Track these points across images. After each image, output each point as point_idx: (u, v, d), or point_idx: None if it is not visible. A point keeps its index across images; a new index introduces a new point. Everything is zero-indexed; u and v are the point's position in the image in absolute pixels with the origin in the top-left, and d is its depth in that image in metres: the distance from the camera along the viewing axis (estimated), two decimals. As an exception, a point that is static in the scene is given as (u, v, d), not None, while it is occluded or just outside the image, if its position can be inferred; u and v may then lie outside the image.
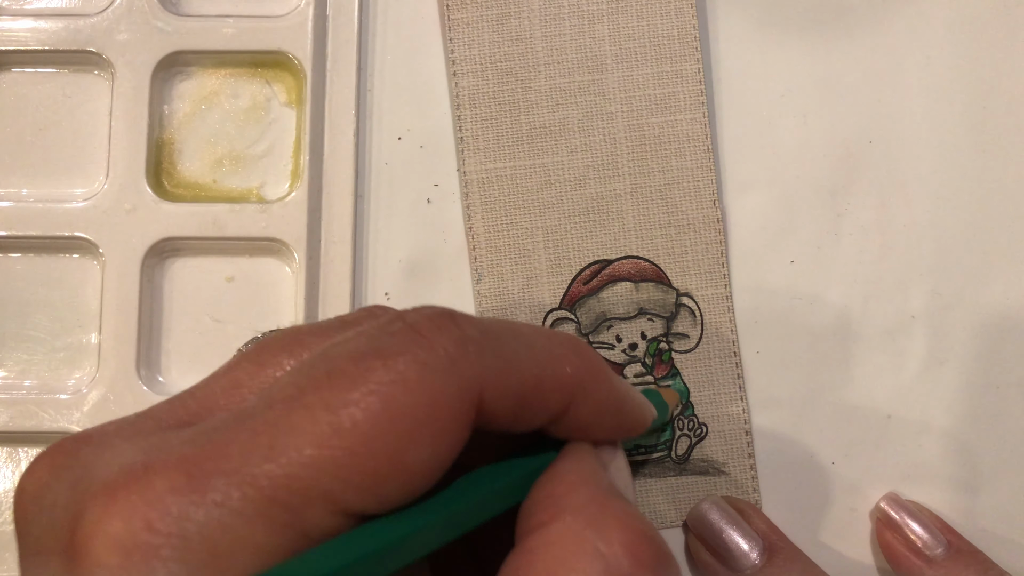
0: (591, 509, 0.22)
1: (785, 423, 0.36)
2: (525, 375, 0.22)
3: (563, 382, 0.23)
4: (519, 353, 0.22)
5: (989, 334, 0.37)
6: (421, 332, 0.21)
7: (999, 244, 0.37)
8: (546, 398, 0.23)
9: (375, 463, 0.19)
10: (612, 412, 0.25)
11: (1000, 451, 0.36)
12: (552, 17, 0.37)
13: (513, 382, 0.22)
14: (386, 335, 0.21)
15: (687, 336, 0.36)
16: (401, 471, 0.20)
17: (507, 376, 0.22)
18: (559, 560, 0.20)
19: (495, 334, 0.22)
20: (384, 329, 0.21)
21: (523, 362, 0.22)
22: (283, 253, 0.37)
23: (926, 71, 0.38)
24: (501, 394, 0.21)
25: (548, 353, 0.23)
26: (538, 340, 0.23)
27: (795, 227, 0.37)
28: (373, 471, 0.19)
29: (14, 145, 0.37)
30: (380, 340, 0.21)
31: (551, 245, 0.36)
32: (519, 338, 0.23)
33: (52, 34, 0.37)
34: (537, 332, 0.24)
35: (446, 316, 0.21)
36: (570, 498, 0.22)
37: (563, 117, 0.37)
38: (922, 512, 0.35)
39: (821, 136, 0.37)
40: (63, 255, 0.37)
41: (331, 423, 0.19)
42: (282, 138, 0.38)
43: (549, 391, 0.23)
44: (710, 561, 0.33)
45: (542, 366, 0.23)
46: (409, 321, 0.21)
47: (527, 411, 0.23)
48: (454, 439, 0.21)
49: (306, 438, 0.19)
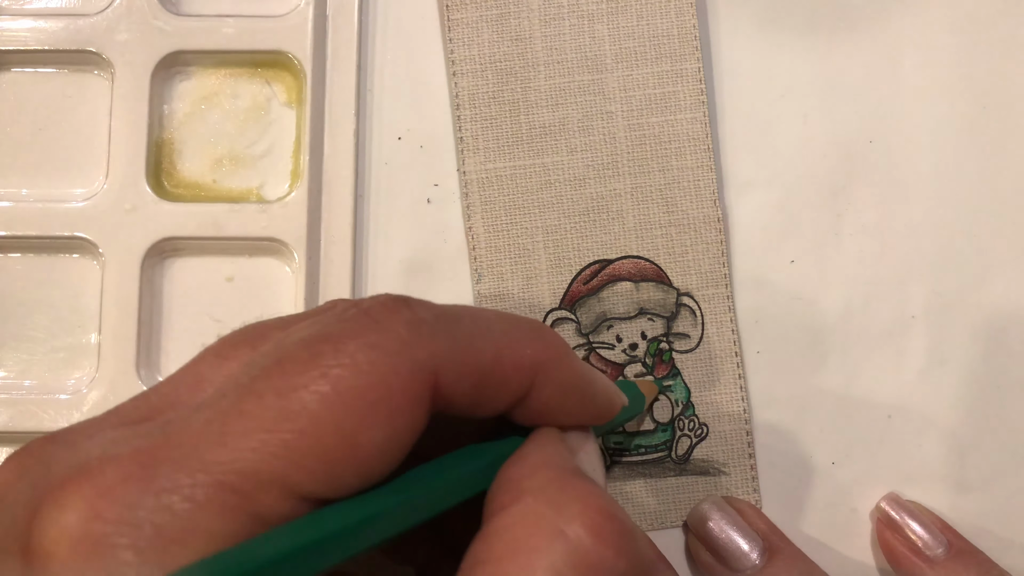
0: (551, 489, 0.22)
1: (785, 423, 0.36)
2: (482, 356, 0.22)
3: (522, 364, 0.23)
4: (475, 335, 0.22)
5: (989, 334, 0.37)
6: (373, 316, 0.21)
7: (999, 244, 0.37)
8: (505, 380, 0.23)
9: (326, 446, 0.19)
10: (576, 395, 0.25)
11: (1000, 451, 0.36)
12: (552, 17, 0.37)
13: (469, 363, 0.22)
14: (338, 321, 0.21)
15: (687, 336, 0.36)
16: (354, 454, 0.20)
17: (462, 357, 0.22)
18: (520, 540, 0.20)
19: (451, 316, 0.22)
20: (338, 316, 0.21)
21: (480, 343, 0.22)
22: (283, 253, 0.37)
23: (926, 71, 0.38)
24: (457, 376, 0.21)
25: (507, 335, 0.23)
26: (497, 323, 0.23)
27: (795, 227, 0.37)
28: (324, 454, 0.19)
29: (14, 145, 0.37)
30: (331, 326, 0.21)
31: (551, 245, 0.36)
32: (477, 321, 0.23)
33: (52, 34, 0.37)
34: (498, 316, 0.24)
35: (400, 301, 0.22)
36: (531, 480, 0.22)
37: (563, 117, 0.37)
38: (923, 512, 0.35)
39: (821, 136, 0.37)
40: (63, 255, 0.37)
41: (281, 408, 0.19)
42: (282, 138, 0.38)
43: (508, 372, 0.23)
44: (710, 561, 0.33)
45: (500, 347, 0.23)
46: (363, 307, 0.21)
47: (486, 394, 0.23)
48: (409, 421, 0.20)
49: (256, 423, 0.19)
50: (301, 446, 0.19)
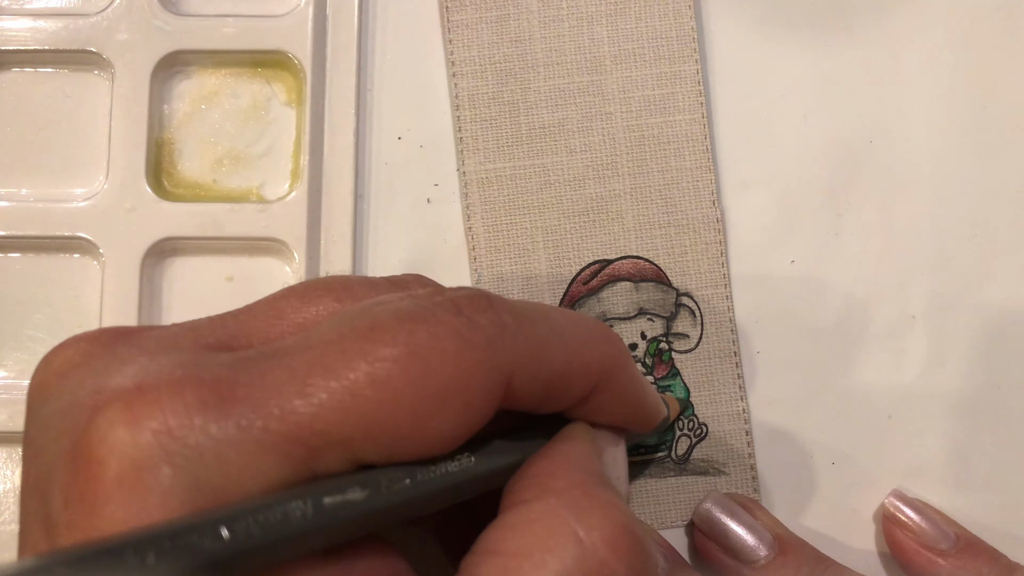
0: (575, 493, 0.22)
1: (785, 423, 0.36)
2: (555, 363, 0.22)
3: (590, 370, 0.24)
4: (550, 340, 0.22)
5: (989, 334, 0.37)
6: (461, 308, 0.21)
7: (999, 244, 0.37)
8: (572, 385, 0.23)
9: (399, 421, 0.19)
10: (630, 403, 0.26)
11: (1000, 451, 0.36)
12: (551, 18, 0.37)
13: (543, 369, 0.22)
14: (429, 303, 0.21)
15: (687, 336, 0.36)
16: (421, 435, 0.20)
17: (538, 363, 0.22)
18: (536, 538, 0.21)
19: (529, 319, 0.22)
20: (427, 299, 0.21)
21: (554, 349, 0.22)
22: (283, 253, 0.37)
23: (926, 71, 0.38)
24: (530, 379, 0.22)
25: (578, 340, 0.23)
26: (568, 326, 0.23)
27: (795, 227, 0.37)
28: (395, 428, 0.20)
29: (14, 145, 0.37)
30: (424, 307, 0.21)
31: (551, 245, 0.36)
32: (551, 324, 0.23)
33: (52, 34, 0.37)
34: (567, 317, 0.24)
35: (484, 297, 0.22)
36: (556, 480, 0.22)
37: (562, 118, 0.37)
38: (928, 508, 0.35)
39: (821, 136, 0.37)
40: (63, 255, 0.37)
41: (367, 372, 0.19)
42: (282, 138, 0.38)
43: (576, 378, 0.23)
44: (720, 557, 0.33)
45: (571, 353, 0.23)
46: (450, 297, 0.21)
47: (552, 396, 0.23)
48: (477, 416, 0.21)
49: (340, 383, 0.19)
50: (376, 416, 0.19)
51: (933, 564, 0.33)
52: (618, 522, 0.21)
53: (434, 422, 0.20)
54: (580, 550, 0.20)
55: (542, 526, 0.21)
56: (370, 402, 0.19)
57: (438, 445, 0.21)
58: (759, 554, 0.33)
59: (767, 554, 0.33)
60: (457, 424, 0.20)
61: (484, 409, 0.21)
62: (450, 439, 0.21)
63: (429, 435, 0.20)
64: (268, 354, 0.20)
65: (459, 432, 0.21)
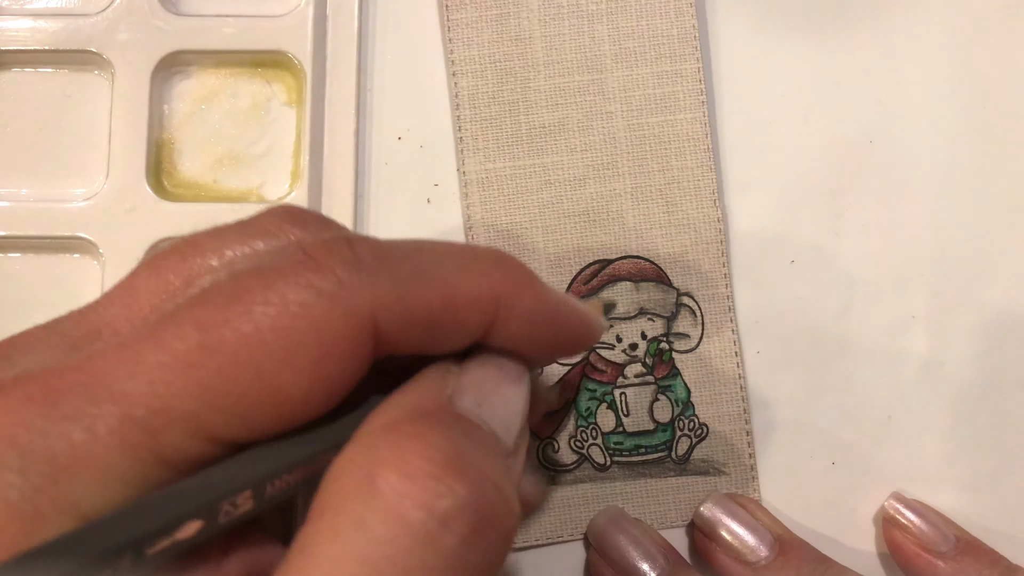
0: (376, 435, 0.19)
1: (785, 423, 0.36)
2: (429, 296, 0.21)
3: (479, 299, 0.21)
4: (422, 273, 0.21)
5: (989, 334, 0.37)
6: (312, 255, 0.20)
7: (999, 244, 0.37)
8: (460, 319, 0.21)
9: (243, 386, 0.18)
10: (547, 325, 0.23)
11: (1000, 451, 0.36)
12: (551, 17, 0.37)
13: (414, 305, 0.20)
14: (273, 255, 0.20)
15: (688, 336, 0.36)
16: (273, 398, 0.19)
17: (405, 300, 0.20)
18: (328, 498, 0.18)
19: (396, 256, 0.21)
20: (276, 254, 0.20)
21: (427, 283, 0.21)
22: (283, 253, 0.37)
23: (926, 71, 0.38)
24: (401, 319, 0.20)
25: (460, 269, 0.21)
26: (449, 257, 0.22)
27: (795, 227, 0.37)
28: (241, 394, 0.18)
29: (14, 145, 0.37)
30: (266, 260, 0.20)
31: (551, 245, 0.36)
32: (423, 257, 0.21)
33: (52, 34, 0.37)
34: (451, 249, 0.22)
35: (341, 239, 0.20)
36: (367, 426, 0.20)
37: (563, 117, 0.37)
38: (928, 510, 0.35)
39: (821, 136, 0.37)
40: (63, 255, 0.37)
41: (199, 341, 0.18)
42: (282, 138, 0.38)
43: (462, 311, 0.21)
44: (720, 557, 0.33)
45: (451, 284, 0.21)
46: (304, 246, 0.20)
47: (439, 334, 0.21)
48: (342, 367, 0.19)
49: (171, 356, 0.18)
50: (216, 385, 0.18)
51: (933, 566, 0.33)
52: (421, 448, 0.18)
53: (285, 380, 0.18)
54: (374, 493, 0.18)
55: (335, 480, 0.18)
56: (206, 371, 0.18)
57: (301, 404, 0.19)
58: (759, 554, 0.33)
59: (767, 554, 0.33)
60: (315, 379, 0.19)
61: (348, 358, 0.19)
62: (314, 396, 0.19)
63: (284, 396, 0.19)
64: (111, 337, 0.19)
65: (323, 387, 0.19)
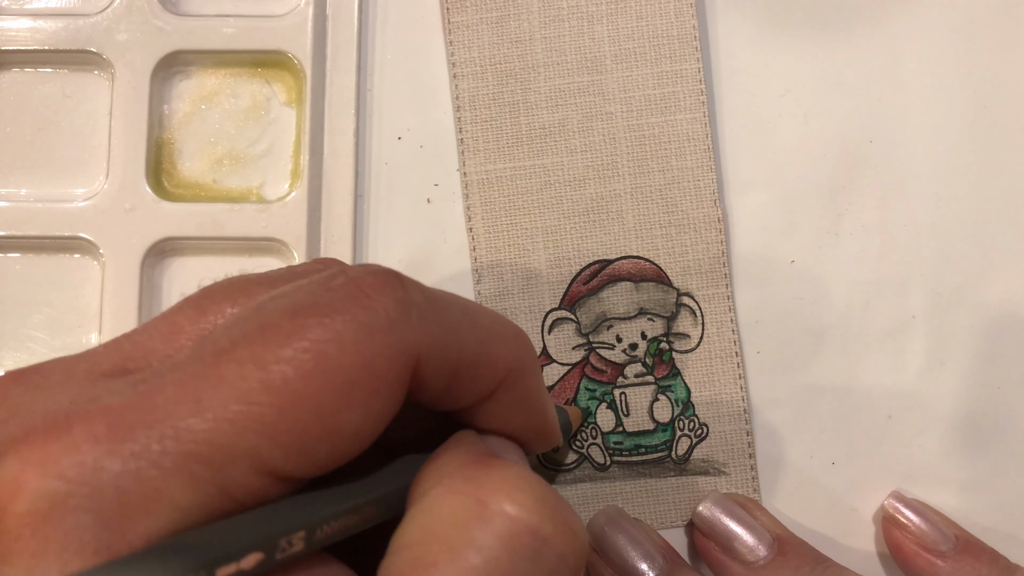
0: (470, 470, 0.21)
1: (785, 423, 0.36)
2: (464, 349, 0.21)
3: (498, 365, 0.23)
4: (462, 326, 0.22)
5: (989, 334, 0.37)
6: (364, 290, 0.20)
7: (999, 244, 0.37)
8: (479, 378, 0.22)
9: (304, 423, 0.19)
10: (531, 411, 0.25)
11: (1000, 451, 0.36)
12: (551, 19, 0.37)
13: (451, 354, 0.21)
14: (326, 290, 0.20)
15: (688, 336, 0.36)
16: (331, 433, 0.19)
17: (446, 347, 0.21)
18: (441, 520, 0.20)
19: (441, 303, 0.21)
20: (325, 284, 0.20)
21: (465, 336, 0.22)
22: (283, 253, 0.37)
23: (926, 71, 0.38)
24: (438, 364, 0.21)
25: (490, 332, 0.22)
26: (483, 318, 0.23)
27: (795, 227, 0.37)
28: (301, 431, 0.19)
29: (14, 145, 0.37)
30: (319, 295, 0.20)
31: (551, 245, 0.36)
32: (464, 312, 0.22)
33: (52, 34, 0.37)
34: (483, 310, 0.23)
35: (392, 276, 0.21)
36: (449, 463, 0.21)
37: (563, 118, 0.37)
38: (928, 509, 0.35)
39: (821, 136, 0.37)
40: (63, 255, 0.37)
41: (261, 379, 0.18)
42: (282, 138, 0.38)
43: (483, 370, 0.22)
44: (719, 557, 0.33)
45: (483, 344, 0.22)
46: (352, 276, 0.20)
47: (458, 387, 0.22)
48: (387, 404, 0.20)
49: (233, 393, 0.18)
50: (277, 422, 0.18)
51: (933, 566, 0.33)
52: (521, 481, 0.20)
53: (342, 417, 0.19)
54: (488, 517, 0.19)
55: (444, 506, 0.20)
56: (268, 408, 0.18)
57: (352, 440, 0.20)
58: (758, 554, 0.33)
59: (766, 554, 0.32)
60: (367, 415, 0.19)
61: (393, 395, 0.20)
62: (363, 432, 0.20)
63: (339, 432, 0.19)
64: (160, 371, 0.19)
65: (371, 424, 0.20)
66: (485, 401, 0.23)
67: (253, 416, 0.18)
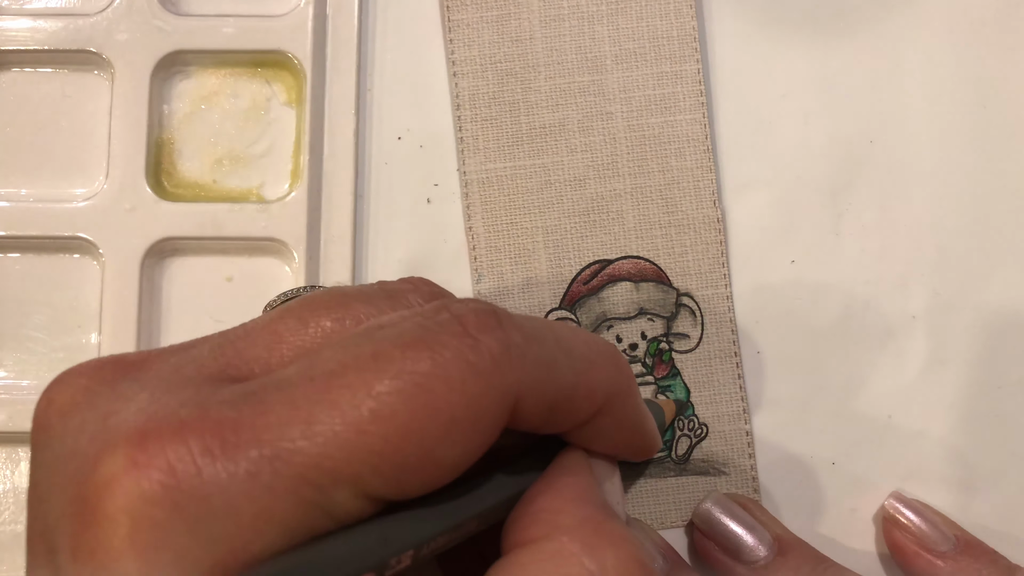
0: (585, 529, 0.21)
1: (785, 423, 0.36)
2: (562, 383, 0.22)
3: (595, 392, 0.23)
4: (558, 359, 0.22)
5: (989, 334, 0.37)
6: (467, 329, 0.21)
7: (999, 244, 0.37)
8: (577, 407, 0.23)
9: (407, 454, 0.19)
10: (630, 430, 0.25)
11: (1001, 451, 0.36)
12: (552, 18, 0.37)
13: (549, 390, 0.22)
14: (434, 324, 0.21)
15: (687, 336, 0.36)
16: (430, 465, 0.20)
17: (545, 384, 0.22)
18: None
19: (538, 339, 0.22)
20: (431, 318, 0.21)
21: (562, 370, 0.22)
22: (283, 253, 0.37)
23: (926, 71, 0.38)
24: (536, 400, 0.21)
25: (586, 361, 0.23)
26: (577, 346, 0.23)
27: (795, 227, 0.37)
28: (403, 462, 0.19)
29: (14, 145, 0.37)
30: (428, 330, 0.20)
31: (551, 245, 0.36)
32: (559, 343, 0.22)
33: (52, 34, 0.37)
34: (577, 336, 0.23)
35: (491, 315, 0.21)
36: (564, 515, 0.22)
37: (563, 117, 0.37)
38: (928, 509, 0.35)
39: (821, 136, 0.37)
40: (63, 255, 0.37)
41: (371, 408, 0.19)
42: (282, 138, 0.38)
43: (581, 400, 0.23)
44: (719, 557, 0.33)
45: (579, 374, 0.23)
46: (455, 313, 0.21)
47: (556, 418, 0.23)
48: (485, 440, 0.21)
49: (344, 419, 0.19)
50: (383, 451, 0.19)
51: (933, 566, 0.33)
52: (631, 555, 0.21)
53: (441, 451, 0.20)
54: None
55: (554, 565, 0.21)
56: (376, 438, 0.19)
57: (447, 472, 0.20)
58: (758, 554, 0.33)
59: (766, 554, 0.32)
60: (464, 451, 0.20)
61: (491, 432, 0.21)
62: (459, 466, 0.20)
63: (437, 465, 0.20)
64: (270, 386, 0.20)
65: (466, 458, 0.20)
66: (584, 425, 0.24)
67: (361, 444, 0.19)
